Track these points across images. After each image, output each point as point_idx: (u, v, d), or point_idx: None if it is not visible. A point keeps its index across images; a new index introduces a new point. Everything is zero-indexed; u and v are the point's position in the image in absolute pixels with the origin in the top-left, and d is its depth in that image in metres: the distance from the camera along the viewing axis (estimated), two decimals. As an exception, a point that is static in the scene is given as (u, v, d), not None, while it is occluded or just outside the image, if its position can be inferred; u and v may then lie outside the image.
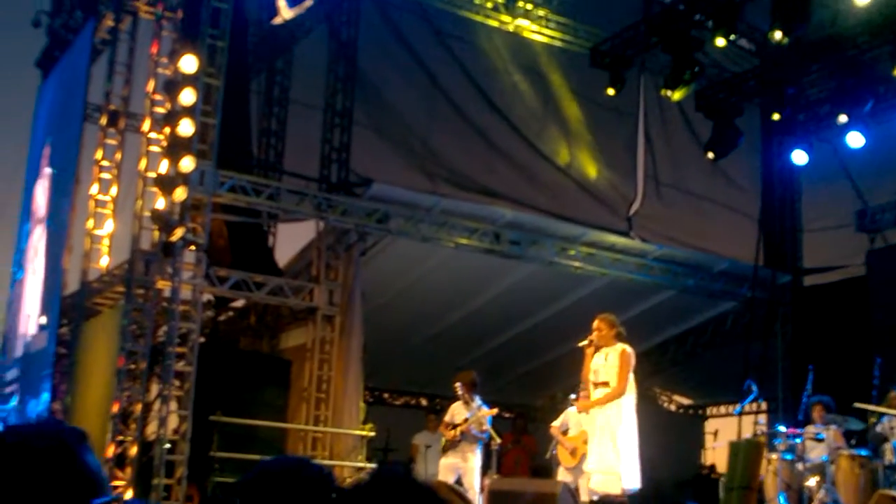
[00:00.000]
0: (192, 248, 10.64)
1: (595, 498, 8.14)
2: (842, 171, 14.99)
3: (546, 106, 15.14)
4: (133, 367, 10.25)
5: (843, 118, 13.72)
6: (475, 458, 10.31)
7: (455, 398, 10.62)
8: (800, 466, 9.57)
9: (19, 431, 1.87)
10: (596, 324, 8.45)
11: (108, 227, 12.29)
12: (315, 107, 14.18)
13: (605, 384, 8.28)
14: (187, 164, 10.25)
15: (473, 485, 10.19)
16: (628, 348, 8.32)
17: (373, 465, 11.61)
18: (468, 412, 10.36)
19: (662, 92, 13.62)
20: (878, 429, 9.82)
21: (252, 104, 14.28)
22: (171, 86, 10.59)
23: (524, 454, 14.52)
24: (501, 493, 8.56)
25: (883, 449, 9.58)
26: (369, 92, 14.16)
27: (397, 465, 2.26)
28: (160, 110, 10.94)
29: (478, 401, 10.44)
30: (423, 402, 17.10)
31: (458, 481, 10.17)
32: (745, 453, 9.16)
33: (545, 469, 12.08)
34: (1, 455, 1.78)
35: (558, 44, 14.63)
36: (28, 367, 12.85)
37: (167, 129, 10.49)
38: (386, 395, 17.08)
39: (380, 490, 1.89)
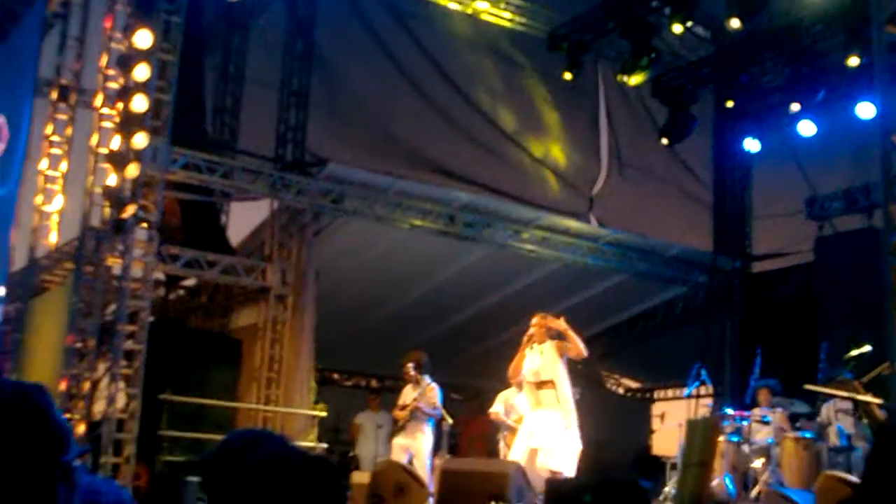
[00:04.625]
0: (144, 225, 10.49)
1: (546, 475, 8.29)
2: (792, 159, 15.16)
3: (509, 85, 15.11)
4: (81, 345, 10.10)
5: (795, 107, 13.90)
6: (425, 438, 10.33)
7: (406, 381, 10.64)
8: (746, 448, 9.73)
9: None
10: (536, 321, 8.71)
11: (58, 203, 12.08)
12: (271, 85, 14.06)
13: (550, 383, 8.44)
14: (140, 140, 10.10)
15: (424, 464, 10.22)
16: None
17: (323, 445, 11.62)
18: (417, 392, 10.39)
19: (619, 77, 13.69)
20: (824, 412, 10.01)
21: (207, 81, 14.11)
22: (125, 61, 10.42)
23: (479, 435, 14.58)
24: (453, 472, 8.57)
25: (827, 432, 9.77)
26: (326, 71, 14.06)
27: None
28: (113, 86, 10.75)
29: (427, 380, 10.47)
30: (374, 383, 17.10)
31: (411, 461, 10.20)
32: (703, 431, 9.29)
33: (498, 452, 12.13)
34: None
35: (517, 27, 14.63)
36: (-26, 344, 12.63)
37: (120, 105, 10.31)
38: (336, 376, 17.04)
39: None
